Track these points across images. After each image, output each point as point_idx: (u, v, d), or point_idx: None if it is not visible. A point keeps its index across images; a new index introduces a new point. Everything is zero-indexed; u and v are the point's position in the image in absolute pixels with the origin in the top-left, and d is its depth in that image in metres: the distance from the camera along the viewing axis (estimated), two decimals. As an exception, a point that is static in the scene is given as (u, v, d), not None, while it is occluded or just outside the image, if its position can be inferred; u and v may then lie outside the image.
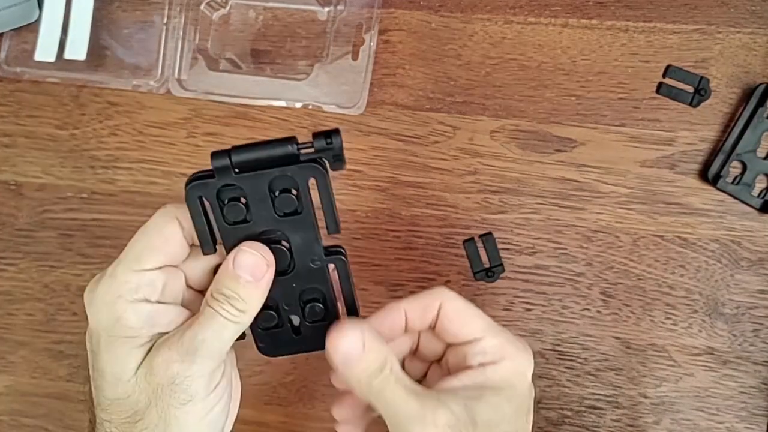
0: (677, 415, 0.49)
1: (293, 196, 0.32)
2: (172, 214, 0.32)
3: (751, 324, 0.49)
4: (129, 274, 0.31)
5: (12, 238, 0.54)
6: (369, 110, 0.51)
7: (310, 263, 0.33)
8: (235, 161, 0.30)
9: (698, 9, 0.50)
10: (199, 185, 0.31)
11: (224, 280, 0.32)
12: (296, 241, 0.32)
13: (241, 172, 0.31)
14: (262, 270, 0.32)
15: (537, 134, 0.51)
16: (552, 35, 0.51)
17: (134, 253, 0.32)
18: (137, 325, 0.31)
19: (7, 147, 0.54)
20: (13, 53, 0.54)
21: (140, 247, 0.32)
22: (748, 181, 0.49)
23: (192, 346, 0.31)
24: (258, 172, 0.31)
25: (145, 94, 0.53)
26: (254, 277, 0.32)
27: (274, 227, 0.32)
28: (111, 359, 0.32)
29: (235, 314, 0.31)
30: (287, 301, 0.34)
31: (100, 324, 0.31)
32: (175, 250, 0.32)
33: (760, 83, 0.49)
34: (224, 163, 0.30)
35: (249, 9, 0.53)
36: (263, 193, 0.31)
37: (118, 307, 0.31)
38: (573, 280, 0.50)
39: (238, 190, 0.31)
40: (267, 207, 0.32)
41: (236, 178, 0.31)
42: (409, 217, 0.51)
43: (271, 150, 0.30)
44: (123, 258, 0.32)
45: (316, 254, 0.33)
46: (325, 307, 0.34)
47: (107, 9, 0.54)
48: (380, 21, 0.52)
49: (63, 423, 0.54)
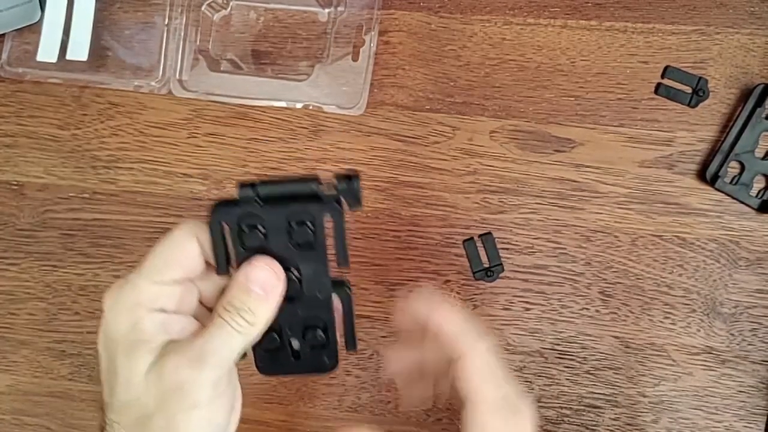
0: (676, 414, 0.50)
1: (309, 230, 0.33)
2: (192, 232, 0.34)
3: (749, 323, 0.49)
4: (149, 285, 0.33)
5: (14, 238, 0.54)
6: (369, 111, 0.52)
7: (317, 293, 0.35)
8: (260, 193, 0.33)
9: (697, 10, 0.50)
10: (223, 211, 0.33)
11: (236, 292, 0.33)
12: (307, 272, 0.34)
13: (264, 203, 0.33)
14: (273, 285, 0.33)
15: (536, 134, 0.51)
16: (551, 36, 0.51)
17: (155, 265, 0.33)
18: (152, 331, 0.33)
19: (9, 147, 0.54)
20: (15, 54, 0.54)
21: (161, 259, 0.34)
22: (746, 181, 0.49)
23: (201, 354, 0.32)
24: (280, 205, 0.33)
25: (147, 94, 0.53)
26: (265, 291, 0.33)
27: (287, 256, 0.34)
28: (124, 362, 0.33)
29: (244, 326, 0.33)
30: (291, 325, 0.35)
31: (118, 328, 0.33)
32: (192, 266, 0.34)
33: (758, 84, 0.49)
34: (249, 194, 0.33)
35: (250, 10, 0.53)
36: (282, 224, 0.33)
37: (136, 314, 0.33)
38: (572, 280, 0.50)
39: (258, 218, 0.33)
40: (283, 237, 0.33)
41: (259, 209, 0.33)
42: (409, 217, 0.51)
43: (295, 187, 0.33)
44: (144, 267, 0.33)
45: (323, 285, 0.35)
46: (326, 335, 0.36)
47: (109, 10, 0.54)
48: (380, 22, 0.52)
49: (65, 422, 0.54)
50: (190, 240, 0.34)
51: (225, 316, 0.33)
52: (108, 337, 0.33)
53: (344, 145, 0.52)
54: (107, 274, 0.53)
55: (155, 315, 0.33)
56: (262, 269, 0.33)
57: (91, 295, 0.53)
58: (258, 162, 0.52)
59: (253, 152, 0.52)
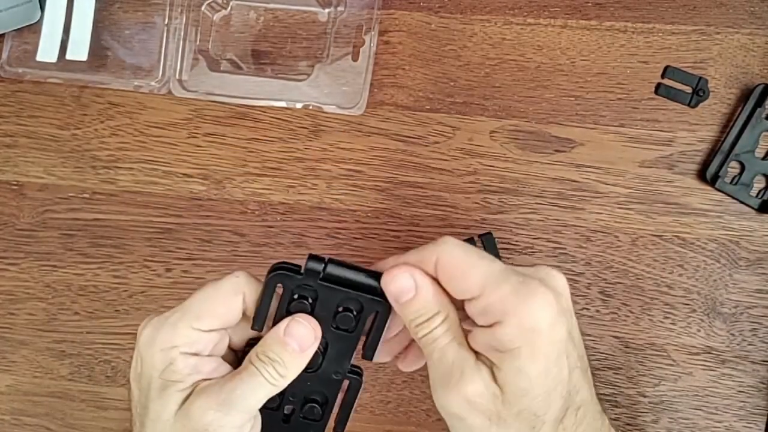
0: (676, 414, 0.50)
1: (352, 317, 0.35)
2: (240, 288, 0.35)
3: (749, 323, 0.49)
4: (188, 330, 0.34)
5: (14, 238, 0.54)
6: (369, 111, 0.52)
7: (333, 373, 0.36)
8: (327, 272, 0.34)
9: (697, 10, 0.50)
10: (283, 276, 0.34)
11: (272, 344, 0.34)
12: (333, 351, 0.36)
13: (324, 280, 0.34)
14: (309, 342, 0.35)
15: (536, 134, 0.51)
16: (551, 36, 0.51)
17: (197, 312, 0.35)
18: (184, 372, 0.34)
19: (8, 147, 0.54)
20: (14, 54, 0.54)
21: (204, 308, 0.35)
22: (747, 181, 0.49)
23: (229, 398, 0.33)
24: (339, 288, 0.34)
25: (147, 94, 0.53)
26: (300, 347, 0.34)
27: (323, 329, 0.35)
28: (156, 399, 0.34)
29: (275, 377, 0.34)
30: (295, 392, 0.36)
31: (154, 366, 0.34)
32: (232, 320, 0.35)
33: (758, 84, 0.49)
34: (317, 269, 0.34)
35: (250, 10, 0.53)
36: (331, 305, 0.35)
37: (171, 355, 0.34)
38: (572, 280, 0.50)
39: (313, 292, 0.34)
40: (327, 315, 0.35)
41: (318, 285, 0.34)
42: (409, 217, 0.51)
43: (359, 276, 0.34)
44: (185, 311, 0.35)
45: (342, 368, 0.36)
46: (322, 412, 0.37)
47: (108, 10, 0.54)
48: (380, 22, 0.52)
49: (64, 422, 0.54)
50: (236, 296, 0.35)
51: (258, 365, 0.34)
52: (141, 374, 0.35)
53: (344, 145, 0.52)
54: (107, 274, 0.53)
55: (189, 358, 0.34)
56: (303, 326, 0.34)
57: (91, 295, 0.53)
58: (258, 162, 0.52)
59: (253, 152, 0.52)
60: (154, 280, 0.53)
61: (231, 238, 0.52)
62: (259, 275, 0.52)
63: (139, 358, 0.35)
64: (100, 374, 0.53)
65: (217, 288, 0.35)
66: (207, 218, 0.53)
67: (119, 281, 0.53)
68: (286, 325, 0.34)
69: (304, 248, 0.52)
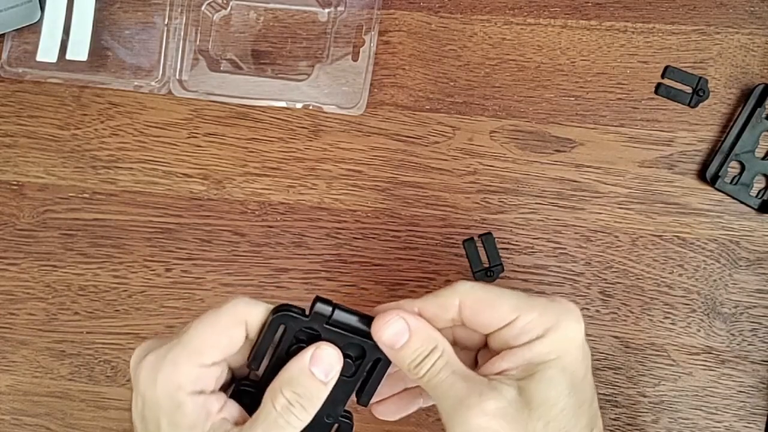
0: (676, 414, 0.50)
1: (352, 363, 0.34)
2: (242, 317, 0.33)
3: (749, 323, 0.49)
4: (191, 367, 0.32)
5: (14, 238, 0.54)
6: (369, 111, 0.52)
7: (325, 416, 0.35)
8: (334, 317, 0.34)
9: (697, 10, 0.50)
10: (288, 317, 0.33)
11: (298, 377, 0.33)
12: (330, 395, 0.35)
13: (330, 325, 0.34)
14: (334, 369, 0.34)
15: (536, 134, 0.51)
16: (551, 36, 0.51)
17: (197, 345, 0.33)
18: (195, 415, 0.32)
19: (8, 147, 0.54)
20: (14, 54, 0.54)
21: (205, 340, 0.33)
22: (747, 181, 0.49)
23: None
24: (344, 333, 0.34)
25: (147, 94, 0.53)
26: (326, 376, 0.33)
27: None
28: None
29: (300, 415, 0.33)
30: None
31: (161, 409, 0.32)
32: (234, 349, 0.33)
33: (758, 84, 0.49)
34: (325, 312, 0.33)
35: (250, 10, 0.53)
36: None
37: (179, 398, 0.32)
38: (572, 280, 0.50)
39: (317, 335, 0.34)
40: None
41: (323, 328, 0.34)
42: (409, 217, 0.51)
43: (364, 323, 0.34)
44: (184, 344, 0.33)
45: (335, 412, 0.35)
46: None
47: (109, 10, 0.54)
48: (380, 22, 0.52)
49: (65, 422, 0.54)
50: (238, 326, 0.33)
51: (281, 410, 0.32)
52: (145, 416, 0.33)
53: (344, 145, 0.52)
54: (107, 274, 0.53)
55: (197, 398, 0.32)
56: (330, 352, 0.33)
57: (91, 295, 0.53)
58: (258, 162, 0.52)
59: (253, 152, 0.52)
60: (154, 280, 0.53)
61: (231, 238, 0.52)
62: (258, 275, 0.52)
63: (140, 398, 0.33)
64: (100, 374, 0.53)
65: (218, 317, 0.33)
66: (207, 218, 0.53)
67: (119, 281, 0.53)
68: (312, 353, 0.33)
69: (304, 248, 0.52)
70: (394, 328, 0.33)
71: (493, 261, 0.50)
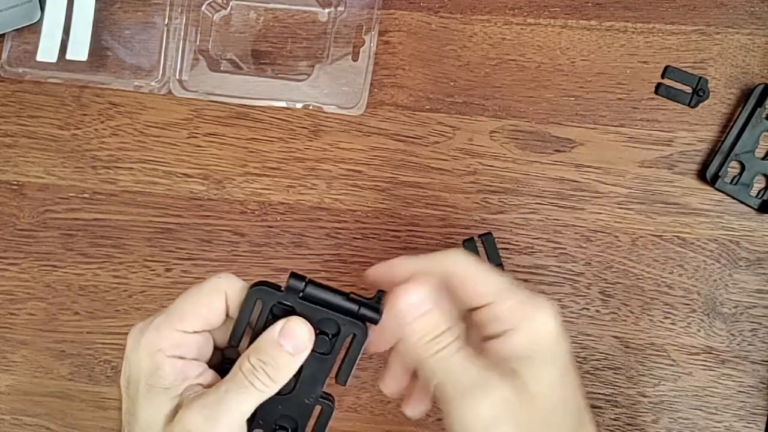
0: (676, 414, 0.50)
1: (329, 339, 0.34)
2: (222, 288, 0.35)
3: (749, 323, 0.49)
4: (171, 332, 0.34)
5: (14, 238, 0.54)
6: (369, 111, 0.52)
7: (306, 397, 0.35)
8: (307, 291, 0.34)
9: (697, 10, 0.50)
10: (264, 291, 0.34)
11: (266, 346, 0.34)
12: (307, 374, 0.35)
13: (305, 300, 0.34)
14: (304, 344, 0.34)
15: (536, 134, 0.51)
16: (551, 36, 0.51)
17: (179, 313, 0.34)
18: (171, 378, 0.33)
19: (9, 147, 0.54)
20: (15, 54, 0.54)
21: (186, 309, 0.34)
22: (747, 181, 0.49)
23: (217, 412, 0.33)
24: (317, 307, 0.34)
25: (147, 94, 0.53)
26: (295, 349, 0.33)
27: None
28: (147, 406, 0.34)
29: (266, 383, 0.33)
30: (265, 416, 0.36)
31: (141, 371, 0.34)
32: (215, 321, 0.35)
33: (758, 84, 0.49)
34: (297, 287, 0.34)
35: (250, 10, 0.53)
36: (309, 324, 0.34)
37: (158, 359, 0.33)
38: (572, 280, 0.50)
39: (291, 310, 0.34)
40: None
41: (297, 302, 0.34)
42: (409, 217, 0.51)
43: (339, 300, 0.34)
44: (169, 314, 0.34)
45: (315, 393, 0.35)
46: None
47: (109, 10, 0.54)
48: (380, 22, 0.52)
49: (65, 422, 0.54)
50: (218, 295, 0.34)
51: (246, 372, 0.33)
52: (129, 379, 0.34)
53: (344, 145, 0.52)
54: (107, 274, 0.53)
55: (175, 361, 0.33)
56: (299, 326, 0.34)
57: (91, 295, 0.53)
58: (258, 162, 0.52)
59: (253, 152, 0.52)
60: (154, 280, 0.53)
61: (231, 238, 0.52)
62: (258, 275, 0.52)
63: (127, 364, 0.34)
64: (100, 374, 0.53)
65: (199, 289, 0.35)
66: (207, 218, 0.53)
67: (119, 281, 0.53)
68: (282, 326, 0.34)
69: (304, 248, 0.52)
70: (416, 296, 0.33)
71: (493, 261, 0.50)
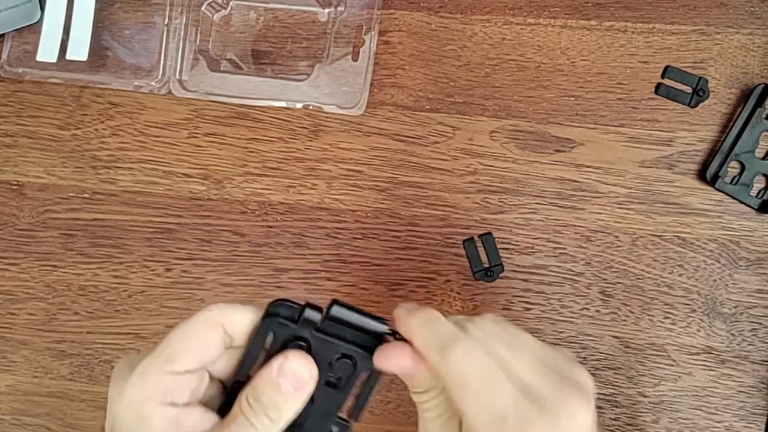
0: (676, 414, 0.50)
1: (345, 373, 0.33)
2: (216, 321, 0.31)
3: (749, 323, 0.49)
4: (160, 376, 0.30)
5: (14, 238, 0.54)
6: (369, 111, 0.52)
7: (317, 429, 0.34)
8: (323, 325, 0.32)
9: (697, 10, 0.50)
10: (277, 324, 0.32)
11: (264, 386, 0.31)
12: (319, 408, 0.33)
13: (320, 332, 0.32)
14: (304, 381, 0.31)
15: (536, 134, 0.51)
16: (551, 36, 0.51)
17: (168, 353, 0.30)
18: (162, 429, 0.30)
19: (9, 147, 0.54)
20: (15, 54, 0.54)
21: (176, 347, 0.31)
22: (747, 181, 0.49)
23: None
24: (333, 341, 0.32)
25: (147, 94, 0.53)
26: (295, 387, 0.31)
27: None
28: None
29: (267, 425, 0.31)
30: None
31: (125, 424, 0.30)
32: (209, 357, 0.31)
33: (758, 84, 0.49)
34: (314, 320, 0.32)
35: (250, 10, 0.53)
36: (324, 359, 0.33)
37: (145, 410, 0.30)
38: (572, 280, 0.50)
39: (306, 343, 0.32)
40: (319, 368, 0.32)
41: (313, 335, 0.32)
42: (409, 217, 0.51)
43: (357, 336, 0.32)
44: (155, 355, 0.30)
45: (326, 425, 0.34)
46: None
47: (109, 10, 0.54)
48: (380, 22, 0.52)
49: (65, 422, 0.54)
50: (212, 329, 0.31)
51: (247, 413, 0.31)
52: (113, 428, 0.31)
53: (344, 145, 0.52)
54: (107, 274, 0.53)
55: (166, 410, 0.30)
56: (297, 362, 0.31)
57: (91, 295, 0.53)
58: (258, 162, 0.52)
59: (253, 152, 0.52)
60: (154, 280, 0.53)
61: (231, 238, 0.52)
62: (258, 275, 0.52)
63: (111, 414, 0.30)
64: (100, 374, 0.53)
65: (190, 323, 0.31)
66: (207, 218, 0.53)
67: (119, 281, 0.53)
68: (279, 364, 0.31)
69: (304, 248, 0.52)
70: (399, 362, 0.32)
71: (493, 261, 0.50)
